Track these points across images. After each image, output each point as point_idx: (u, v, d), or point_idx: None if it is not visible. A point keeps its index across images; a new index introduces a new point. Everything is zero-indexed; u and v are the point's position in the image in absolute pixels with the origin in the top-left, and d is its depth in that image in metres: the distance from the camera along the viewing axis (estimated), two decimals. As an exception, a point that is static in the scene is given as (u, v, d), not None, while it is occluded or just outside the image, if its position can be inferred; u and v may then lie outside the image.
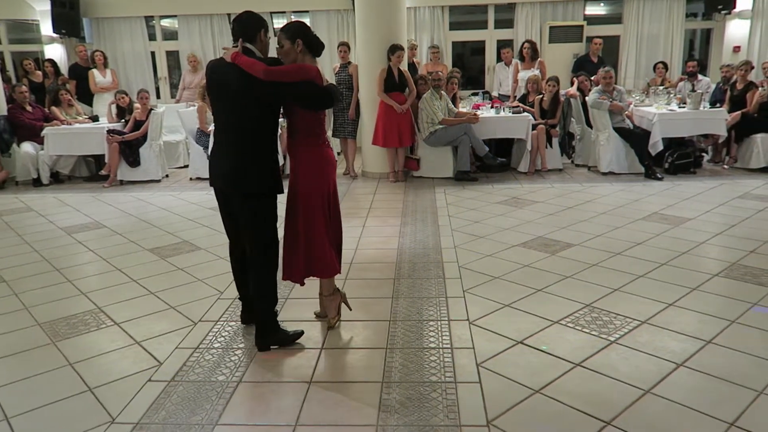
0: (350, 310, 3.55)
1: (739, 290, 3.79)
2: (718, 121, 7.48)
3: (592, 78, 8.26)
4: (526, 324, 3.39)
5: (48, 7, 10.12)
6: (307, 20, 10.31)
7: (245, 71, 2.93)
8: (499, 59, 9.85)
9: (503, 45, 9.87)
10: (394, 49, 7.22)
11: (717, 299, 3.68)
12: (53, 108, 8.35)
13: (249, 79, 2.94)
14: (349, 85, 7.83)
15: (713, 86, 8.66)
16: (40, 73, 9.43)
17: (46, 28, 10.42)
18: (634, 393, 2.66)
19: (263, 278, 3.17)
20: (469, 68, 11.31)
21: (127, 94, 8.35)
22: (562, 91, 8.17)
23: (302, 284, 3.38)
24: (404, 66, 7.58)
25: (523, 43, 9.12)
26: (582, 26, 9.96)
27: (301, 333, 3.30)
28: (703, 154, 8.02)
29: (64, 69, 9.99)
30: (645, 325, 3.32)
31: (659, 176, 7.18)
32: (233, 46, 3.05)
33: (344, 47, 7.94)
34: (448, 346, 3.15)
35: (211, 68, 3.13)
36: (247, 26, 3.09)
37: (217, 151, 3.21)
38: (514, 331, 3.30)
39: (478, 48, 10.76)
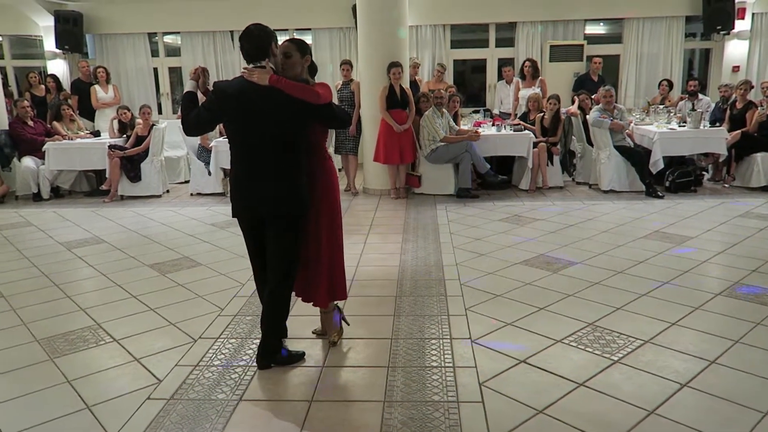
0: (348, 325, 3.54)
1: (742, 310, 3.77)
2: (719, 139, 7.51)
3: (593, 96, 8.30)
4: (528, 343, 3.36)
5: (51, 23, 10.22)
6: (309, 38, 10.40)
7: (290, 94, 2.88)
8: (500, 77, 9.91)
9: (504, 63, 9.94)
10: (391, 66, 7.28)
11: (720, 318, 3.66)
12: (55, 123, 8.38)
13: (296, 102, 2.90)
14: (351, 102, 7.88)
15: (713, 105, 8.70)
16: (43, 87, 9.47)
17: (50, 43, 10.50)
18: (638, 413, 2.63)
19: (283, 299, 3.16)
20: (470, 86, 11.37)
21: (129, 110, 8.39)
22: (562, 110, 8.20)
23: (325, 307, 3.39)
24: (406, 83, 7.62)
25: (525, 62, 9.18)
26: (582, 45, 10.04)
27: (303, 354, 3.27)
28: (704, 172, 8.04)
29: (66, 84, 10.05)
30: (648, 345, 3.30)
31: (660, 194, 7.18)
32: (257, 66, 2.94)
33: (347, 65, 8.00)
34: (451, 365, 3.12)
35: (240, 90, 2.92)
36: (263, 41, 2.96)
37: (250, 177, 3.01)
38: (516, 349, 3.27)
39: (479, 66, 10.83)
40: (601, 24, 10.80)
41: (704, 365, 3.05)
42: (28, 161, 8.04)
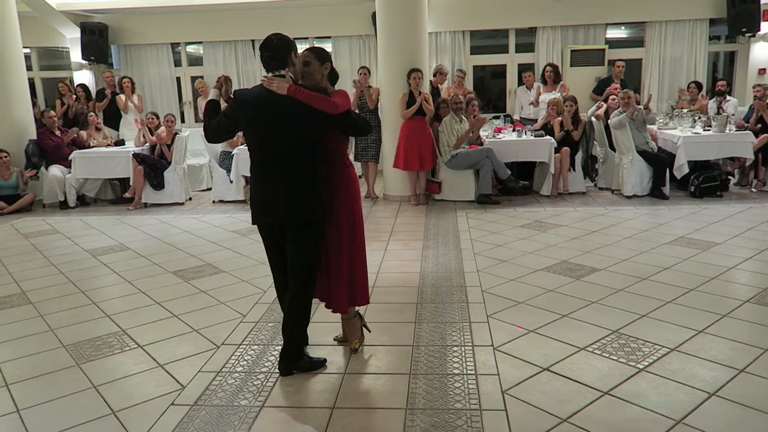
0: (369, 331, 3.54)
1: (772, 317, 3.69)
2: (745, 143, 7.38)
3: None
4: (552, 350, 3.32)
5: (78, 34, 10.43)
6: (329, 45, 10.47)
7: (305, 104, 2.93)
8: (520, 83, 9.87)
9: (524, 69, 9.89)
10: (411, 72, 7.33)
11: (749, 326, 3.59)
12: (81, 132, 8.55)
13: (312, 112, 2.94)
14: (375, 108, 7.88)
15: (747, 109, 8.57)
16: (73, 96, 9.65)
17: (76, 54, 10.72)
18: (665, 423, 2.58)
19: (304, 306, 3.17)
20: (490, 92, 11.34)
21: (157, 117, 8.53)
22: (584, 114, 8.11)
23: (346, 312, 3.39)
24: (425, 89, 7.63)
25: (545, 66, 9.15)
26: (603, 50, 9.96)
27: (324, 361, 3.27)
28: (730, 177, 7.90)
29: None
30: (674, 353, 3.24)
31: (666, 195, 7.22)
32: (276, 75, 2.99)
33: (364, 70, 8.03)
34: (473, 372, 3.10)
35: (259, 99, 2.99)
36: (282, 50, 3.02)
37: (269, 184, 3.06)
38: (539, 357, 3.24)
39: (499, 72, 10.79)
40: (623, 28, 10.70)
41: (733, 374, 2.98)
42: (55, 170, 8.20)
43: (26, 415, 2.86)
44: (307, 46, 3.27)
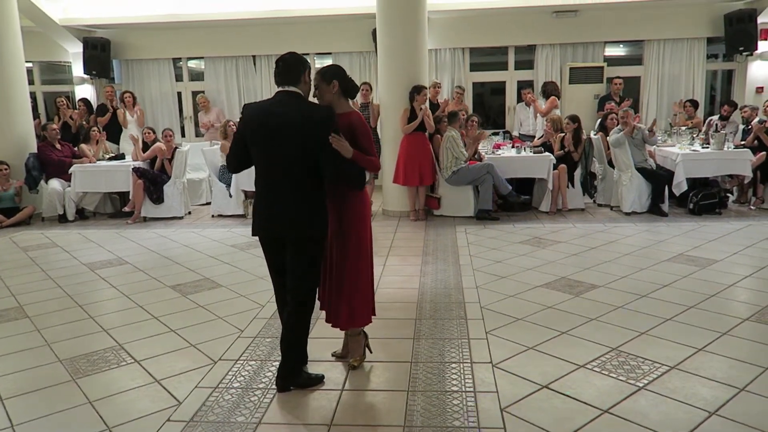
0: (371, 352, 3.51)
1: (772, 335, 3.67)
2: (743, 161, 7.40)
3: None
4: (550, 367, 3.31)
5: (80, 49, 10.50)
6: (329, 62, 10.54)
7: (318, 123, 2.98)
8: (519, 99, 9.92)
9: (523, 85, 9.95)
10: (421, 89, 7.33)
11: (748, 344, 3.57)
12: (82, 146, 8.57)
13: (314, 136, 2.98)
14: (373, 126, 7.93)
15: (741, 127, 8.61)
16: (72, 111, 9.68)
17: (78, 69, 10.79)
18: (665, 442, 2.56)
19: (303, 322, 3.16)
20: (489, 108, 11.39)
21: (153, 131, 8.56)
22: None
23: (345, 329, 3.41)
24: (425, 104, 7.68)
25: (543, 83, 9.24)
26: (602, 67, 10.02)
27: (322, 377, 3.25)
28: (729, 194, 7.92)
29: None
30: (674, 371, 3.22)
31: (665, 212, 7.24)
32: (289, 90, 3.04)
33: (366, 86, 8.06)
34: (471, 389, 3.08)
35: (263, 112, 3.04)
36: (296, 68, 3.07)
37: (273, 198, 3.07)
38: (538, 374, 3.22)
39: (499, 88, 10.85)
40: (621, 46, 10.77)
41: (733, 393, 2.97)
42: (55, 183, 8.21)
43: (21, 431, 2.84)
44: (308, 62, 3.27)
